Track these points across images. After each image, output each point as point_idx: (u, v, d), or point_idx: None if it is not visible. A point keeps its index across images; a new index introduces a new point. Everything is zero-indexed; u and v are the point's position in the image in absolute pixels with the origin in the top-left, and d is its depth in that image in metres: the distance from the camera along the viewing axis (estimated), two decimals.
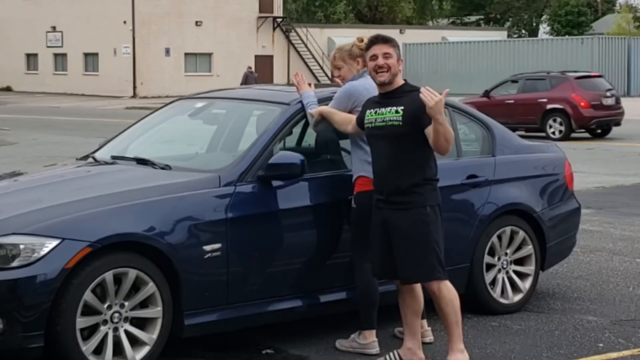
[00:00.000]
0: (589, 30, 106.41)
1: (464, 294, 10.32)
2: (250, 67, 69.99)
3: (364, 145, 9.47)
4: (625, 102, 62.99)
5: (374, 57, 9.06)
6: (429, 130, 8.63)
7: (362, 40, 9.85)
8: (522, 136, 14.02)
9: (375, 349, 9.58)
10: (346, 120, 9.54)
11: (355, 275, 9.69)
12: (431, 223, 8.93)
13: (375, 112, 9.08)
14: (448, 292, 9.04)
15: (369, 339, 9.64)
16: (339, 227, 9.87)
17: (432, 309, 9.37)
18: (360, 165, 9.57)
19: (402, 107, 8.91)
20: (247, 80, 62.31)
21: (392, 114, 8.94)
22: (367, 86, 9.54)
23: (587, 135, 37.93)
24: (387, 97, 9.11)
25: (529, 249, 11.24)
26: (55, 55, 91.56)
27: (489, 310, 10.89)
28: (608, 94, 40.10)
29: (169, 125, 11.71)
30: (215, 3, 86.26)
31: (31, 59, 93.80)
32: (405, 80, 9.21)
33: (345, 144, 10.07)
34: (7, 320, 8.23)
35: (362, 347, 9.63)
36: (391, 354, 9.31)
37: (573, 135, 37.02)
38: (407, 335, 9.35)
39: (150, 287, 8.75)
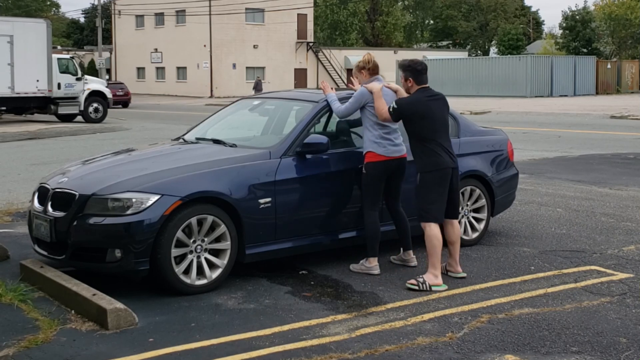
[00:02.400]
0: (524, 51, 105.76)
1: None
2: (259, 77, 70.48)
3: (373, 130, 9.53)
4: (548, 100, 63.01)
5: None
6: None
7: (366, 61, 9.90)
8: None
9: (377, 271, 9.58)
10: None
11: (364, 219, 9.69)
12: (420, 183, 9.19)
13: None
14: (430, 231, 9.13)
15: (373, 264, 9.63)
16: (352, 186, 9.83)
17: (417, 244, 9.35)
18: (369, 143, 9.57)
19: None
20: (257, 86, 63.69)
21: None
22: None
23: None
24: None
25: (483, 201, 11.19)
26: (157, 68, 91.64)
27: None
28: (121, 90, 58.08)
29: (235, 116, 11.67)
30: (266, 32, 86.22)
31: (140, 71, 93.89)
32: (418, 89, 9.38)
33: (356, 129, 10.06)
34: (124, 250, 8.31)
35: (368, 269, 9.62)
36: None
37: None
38: (449, 255, 9.63)
39: (222, 228, 8.77)
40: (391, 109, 9.26)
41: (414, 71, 9.34)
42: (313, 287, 9.06)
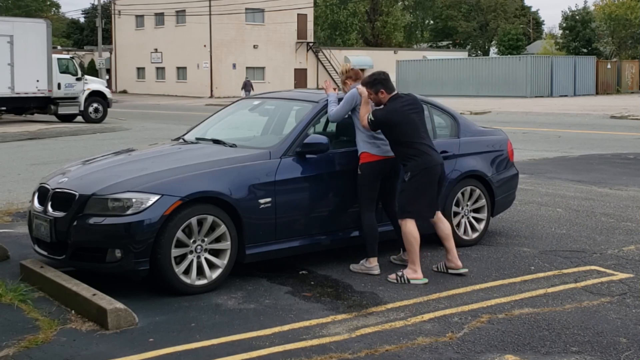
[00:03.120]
0: (524, 51, 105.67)
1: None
2: (248, 77, 70.70)
3: (364, 130, 9.61)
4: (548, 100, 63.02)
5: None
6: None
7: (340, 72, 10.32)
8: None
9: (377, 271, 9.58)
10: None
11: (361, 220, 9.70)
12: (410, 182, 9.33)
13: None
14: (406, 228, 9.36)
15: (372, 264, 9.64)
16: (352, 186, 9.81)
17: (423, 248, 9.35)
18: (362, 144, 9.62)
19: None
20: (245, 86, 64.39)
21: None
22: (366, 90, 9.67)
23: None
24: None
25: (483, 201, 11.19)
26: (157, 68, 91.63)
27: (455, 243, 10.74)
28: None
29: (235, 116, 11.69)
30: (266, 32, 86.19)
31: (140, 71, 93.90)
32: (390, 98, 9.54)
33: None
34: (124, 250, 8.32)
35: (367, 269, 9.62)
36: (439, 264, 9.82)
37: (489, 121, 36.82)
38: (447, 252, 9.72)
39: (222, 228, 8.77)
40: (369, 120, 9.38)
41: (382, 82, 9.54)
42: (313, 287, 9.07)
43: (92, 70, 77.33)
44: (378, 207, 9.86)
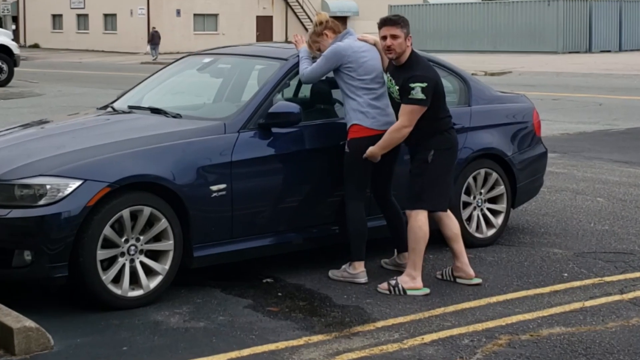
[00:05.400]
0: None
1: None
2: (154, 27, 73.33)
3: (355, 96, 9.49)
4: (586, 57, 63.13)
5: (384, 38, 9.36)
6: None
7: (318, 22, 9.95)
8: None
9: (364, 279, 9.59)
10: None
11: (346, 212, 9.69)
12: (433, 162, 9.33)
13: (390, 81, 9.46)
14: (415, 220, 9.33)
15: (358, 269, 9.64)
16: (331, 169, 9.82)
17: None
18: (353, 114, 9.54)
19: (397, 87, 9.27)
20: (153, 38, 69.19)
21: (395, 90, 9.33)
22: (352, 45, 9.61)
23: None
24: (398, 69, 9.36)
25: (501, 188, 11.22)
26: (78, 15, 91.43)
27: (466, 243, 10.74)
28: None
29: (180, 78, 11.69)
30: None
31: (56, 19, 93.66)
32: (412, 51, 9.45)
33: (337, 94, 10.01)
34: (35, 252, 8.28)
35: (352, 277, 9.63)
36: (445, 270, 9.85)
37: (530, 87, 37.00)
38: (454, 257, 9.72)
39: (163, 223, 8.75)
40: (422, 93, 9.12)
41: (408, 25, 9.52)
42: (281, 300, 9.08)
43: None
44: (368, 195, 9.88)
